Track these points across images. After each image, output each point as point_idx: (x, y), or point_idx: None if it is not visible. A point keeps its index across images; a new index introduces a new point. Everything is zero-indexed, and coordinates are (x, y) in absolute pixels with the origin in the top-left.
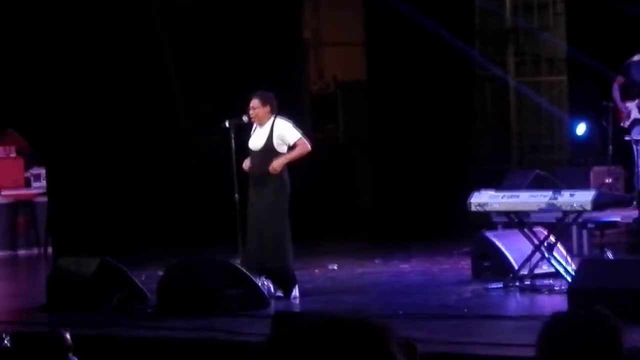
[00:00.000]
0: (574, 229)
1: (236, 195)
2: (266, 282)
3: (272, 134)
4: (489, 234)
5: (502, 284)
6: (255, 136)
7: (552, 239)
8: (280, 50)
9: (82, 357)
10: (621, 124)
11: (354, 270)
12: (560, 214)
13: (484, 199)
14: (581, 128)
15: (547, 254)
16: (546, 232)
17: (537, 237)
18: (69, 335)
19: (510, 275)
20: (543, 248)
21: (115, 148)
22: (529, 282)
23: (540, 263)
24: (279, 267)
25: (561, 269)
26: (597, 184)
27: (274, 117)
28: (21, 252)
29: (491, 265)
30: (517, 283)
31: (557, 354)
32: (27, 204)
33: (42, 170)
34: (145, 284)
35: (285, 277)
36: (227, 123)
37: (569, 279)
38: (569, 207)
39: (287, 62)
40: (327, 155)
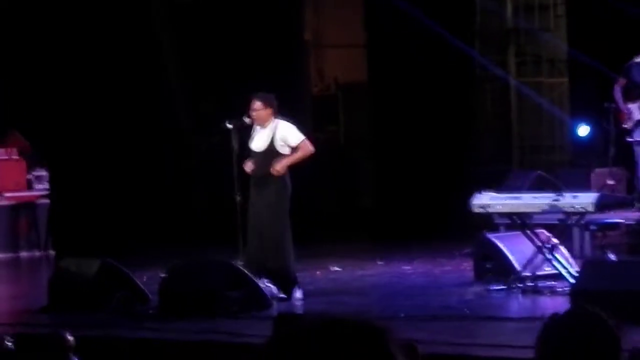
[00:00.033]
0: (576, 230)
1: (237, 196)
2: (269, 283)
3: (275, 136)
4: (491, 236)
5: (504, 286)
6: (257, 137)
7: (554, 240)
8: (281, 51)
9: (84, 358)
10: (623, 125)
11: (355, 271)
12: (562, 216)
13: (486, 200)
14: (584, 130)
15: (549, 256)
16: (548, 234)
17: (539, 238)
18: (70, 336)
19: (512, 276)
20: (545, 249)
21: (115, 148)
22: (531, 283)
23: (543, 264)
24: (278, 267)
25: (563, 271)
26: (598, 185)
27: (275, 118)
28: (23, 254)
29: (493, 266)
30: (519, 284)
31: (555, 355)
32: (29, 206)
33: (44, 172)
34: (147, 285)
35: (285, 277)
36: (229, 124)
37: (571, 280)
38: (571, 209)
39: (288, 63)
40: (328, 157)
